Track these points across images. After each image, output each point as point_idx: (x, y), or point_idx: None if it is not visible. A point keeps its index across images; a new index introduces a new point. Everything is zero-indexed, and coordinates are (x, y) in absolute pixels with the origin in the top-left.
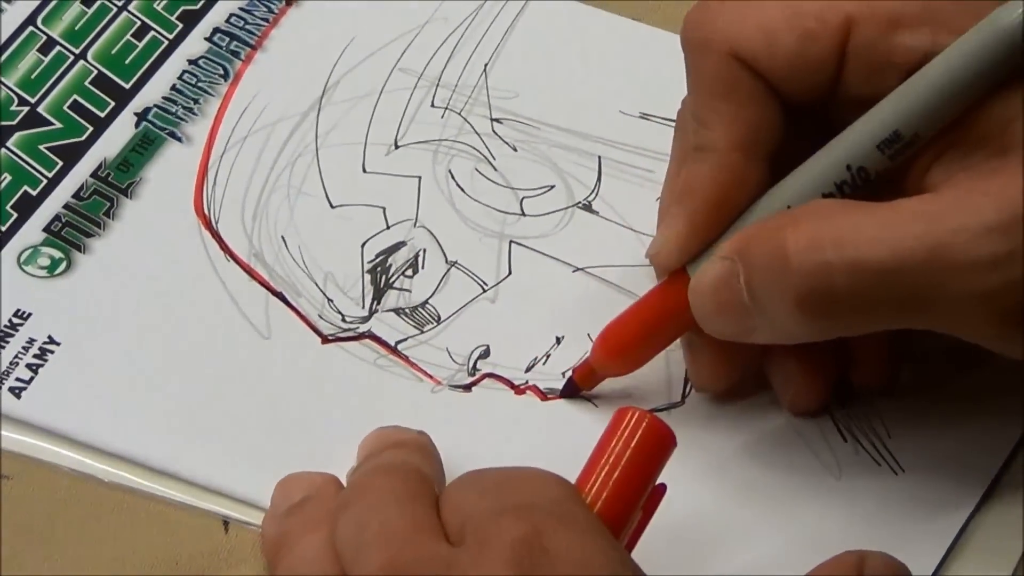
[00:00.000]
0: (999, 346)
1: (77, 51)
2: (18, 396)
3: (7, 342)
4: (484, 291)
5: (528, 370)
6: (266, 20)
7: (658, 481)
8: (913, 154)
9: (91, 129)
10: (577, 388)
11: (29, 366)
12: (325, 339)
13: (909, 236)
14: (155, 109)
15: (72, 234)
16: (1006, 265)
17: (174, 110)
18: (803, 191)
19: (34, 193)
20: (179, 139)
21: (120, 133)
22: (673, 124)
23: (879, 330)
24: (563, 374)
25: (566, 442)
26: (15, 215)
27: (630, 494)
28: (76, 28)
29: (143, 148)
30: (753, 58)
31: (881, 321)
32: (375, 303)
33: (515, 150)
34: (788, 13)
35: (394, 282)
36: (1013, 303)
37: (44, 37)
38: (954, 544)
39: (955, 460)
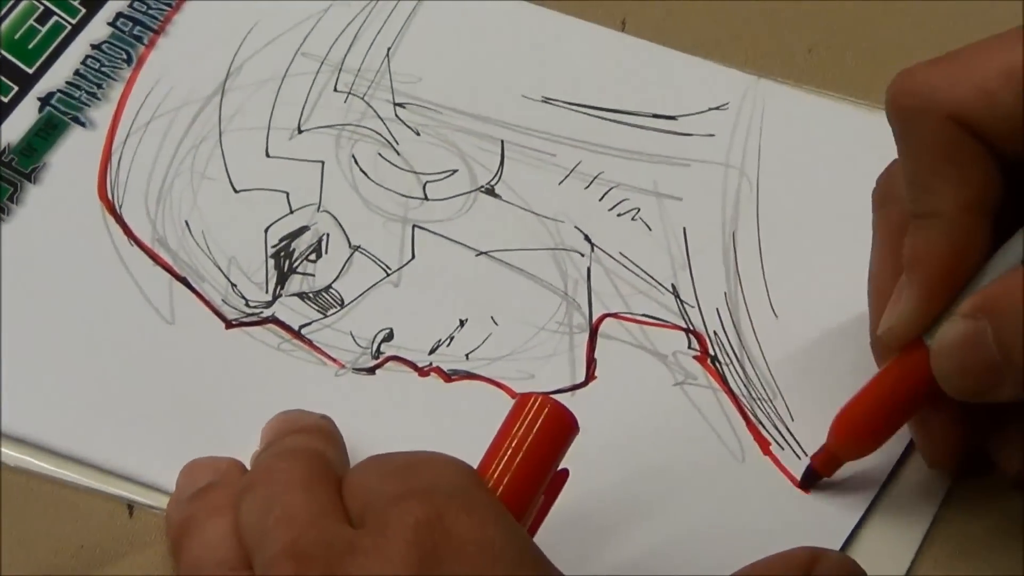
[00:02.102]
0: None
1: None
2: None
3: None
4: (387, 275)
5: (432, 352)
6: (169, 5)
7: (561, 466)
8: None
9: None
10: (818, 476)
11: None
12: (229, 324)
13: None
14: (58, 94)
15: None
16: None
17: (77, 95)
18: None
19: None
20: (83, 124)
21: (23, 118)
22: (574, 108)
23: None
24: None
25: (470, 424)
26: None
27: (532, 479)
28: None
29: (46, 133)
30: (974, 120)
31: None
32: (279, 288)
33: (418, 134)
34: (1004, 71)
35: (297, 267)
36: None
37: None
38: (859, 524)
39: None
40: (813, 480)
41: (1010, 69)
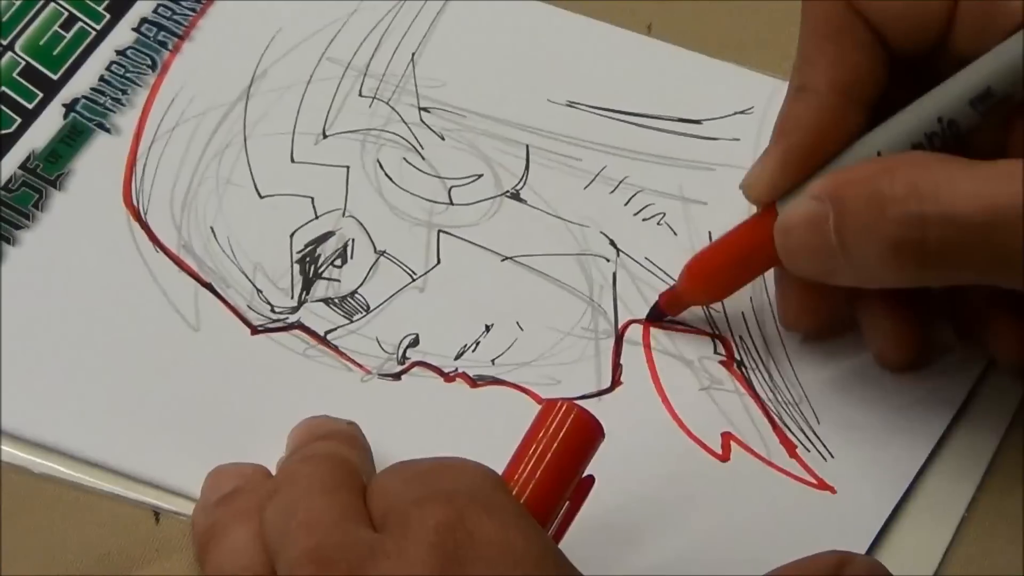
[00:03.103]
0: None
1: (5, 42)
2: None
3: None
4: (413, 280)
5: (458, 357)
6: (193, 10)
7: (587, 472)
8: (1005, 115)
9: (19, 121)
10: (662, 313)
11: None
12: (254, 330)
13: (1005, 194)
14: (83, 100)
15: (1, 226)
16: None
17: (102, 101)
18: (895, 139)
19: None
20: (107, 130)
21: (48, 124)
22: (600, 112)
23: (964, 283)
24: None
25: (495, 429)
26: None
27: (556, 485)
28: (3, 19)
29: (72, 139)
30: (866, 5)
31: (969, 275)
32: (304, 293)
33: (443, 139)
34: None
35: (323, 272)
36: None
37: None
38: (885, 526)
39: (884, 446)
40: (658, 317)
41: None
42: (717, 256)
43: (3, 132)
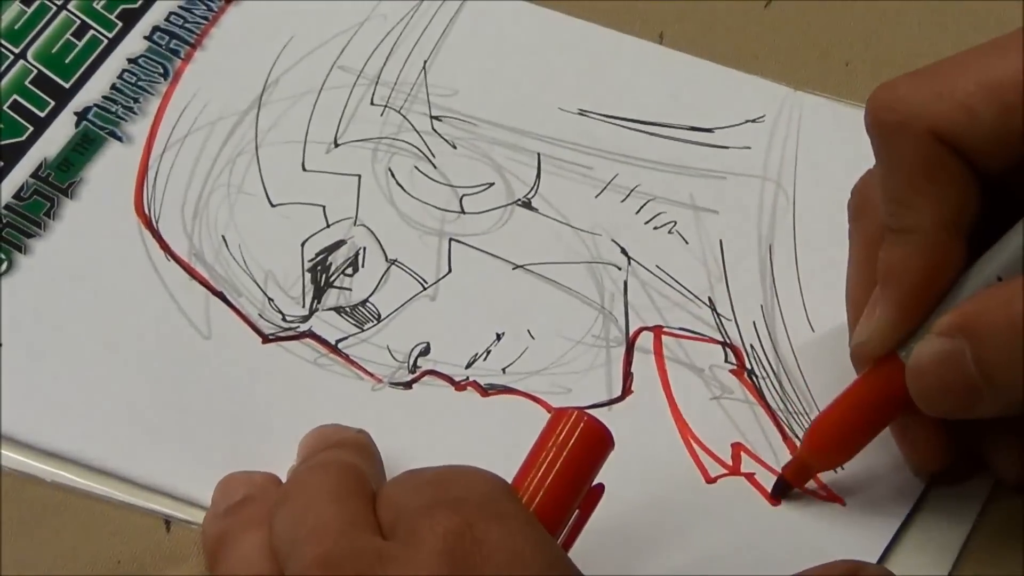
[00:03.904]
0: None
1: (17, 51)
2: None
3: None
4: (424, 289)
5: (469, 366)
6: (206, 19)
7: (597, 481)
8: None
9: (31, 129)
10: (788, 486)
11: None
12: (265, 338)
13: None
14: (95, 108)
15: (13, 235)
16: None
17: (114, 109)
18: (1012, 263)
19: None
20: (119, 138)
21: (60, 133)
22: (611, 121)
23: None
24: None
25: (506, 438)
26: None
27: (566, 494)
28: (16, 27)
29: (83, 148)
30: (954, 136)
31: None
32: (315, 302)
33: (455, 148)
34: (985, 86)
35: (334, 281)
36: None
37: None
38: (896, 536)
39: (894, 457)
40: (784, 491)
41: (990, 83)
42: (842, 418)
43: (15, 140)
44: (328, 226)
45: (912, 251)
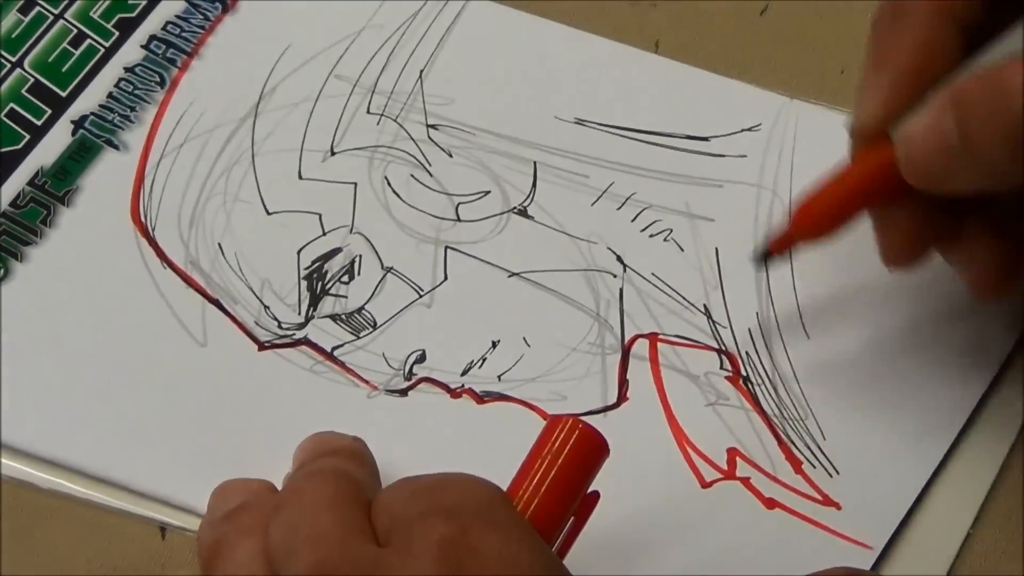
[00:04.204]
0: None
1: (14, 59)
2: None
3: None
4: (420, 296)
5: (464, 373)
6: (202, 28)
7: (592, 488)
8: None
9: (28, 137)
10: (771, 255)
11: None
12: (262, 346)
13: None
14: (92, 117)
15: (9, 242)
16: None
17: (111, 118)
18: (1008, 55)
19: None
20: (116, 147)
21: (57, 141)
22: (607, 130)
23: None
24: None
25: (502, 445)
26: None
27: (561, 501)
28: (13, 36)
29: (80, 156)
30: None
31: None
32: (311, 309)
33: (451, 156)
34: None
35: (330, 288)
36: None
37: None
38: (890, 543)
39: (890, 462)
40: (765, 257)
41: None
42: (830, 193)
43: (12, 148)
44: (324, 234)
45: (905, 32)
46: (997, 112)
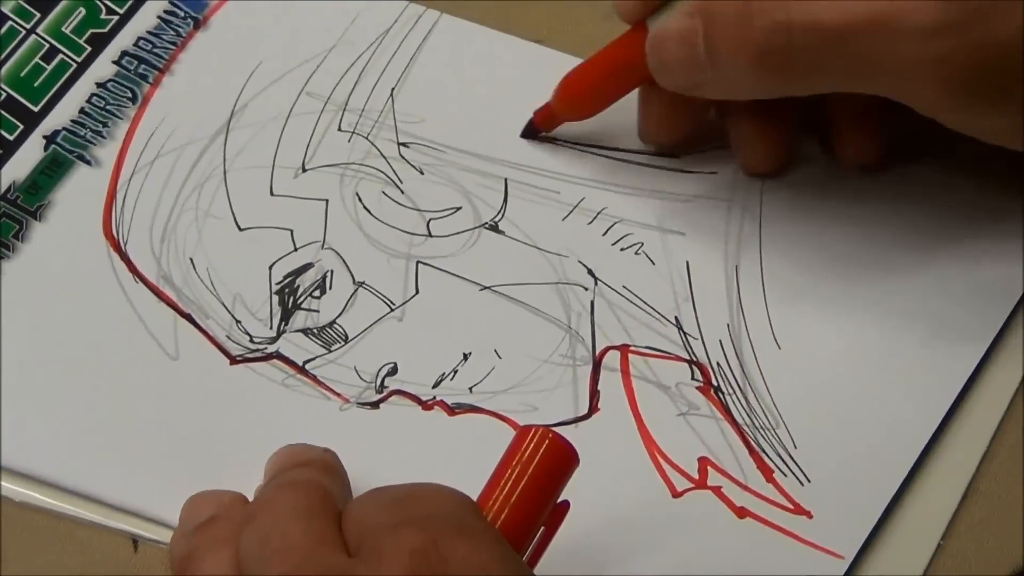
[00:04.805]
0: (940, 114)
1: None
2: None
3: None
4: (391, 310)
5: (436, 386)
6: (174, 44)
7: (563, 498)
8: None
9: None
10: (536, 129)
11: None
12: (233, 360)
13: (862, 7)
14: (64, 132)
15: None
16: (948, 33)
17: (83, 133)
18: None
19: None
20: (88, 162)
21: (29, 156)
22: (578, 147)
23: (828, 91)
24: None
25: (473, 457)
26: None
27: (531, 510)
28: None
29: (52, 171)
30: None
31: (832, 81)
32: (283, 324)
33: (422, 173)
34: None
35: (302, 303)
36: (954, 71)
37: None
38: (861, 552)
39: (861, 470)
40: (532, 133)
41: None
42: (589, 72)
43: None
44: (296, 249)
45: None
46: (741, 32)
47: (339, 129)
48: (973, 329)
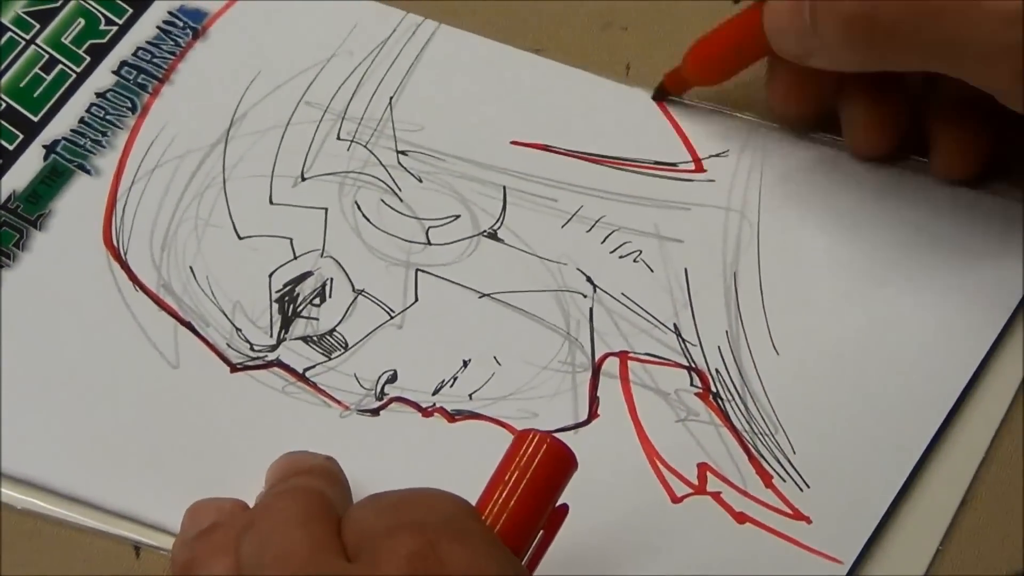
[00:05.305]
0: (1015, 104)
1: None
2: None
3: None
4: (391, 317)
5: (435, 393)
6: (173, 54)
7: (562, 502)
8: None
9: (0, 162)
10: (667, 92)
11: None
12: (234, 368)
13: None
14: (64, 142)
15: None
16: None
17: (83, 143)
18: None
19: None
20: (88, 171)
21: (29, 166)
22: (576, 155)
23: (915, 69)
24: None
25: (474, 463)
26: None
27: (529, 514)
28: None
29: (52, 180)
30: None
31: (916, 58)
32: (283, 332)
33: (421, 181)
34: None
35: (302, 311)
36: None
37: None
38: (859, 559)
39: (860, 476)
40: (663, 95)
41: None
42: (717, 40)
43: None
44: (295, 258)
45: None
46: (836, 4)
47: (338, 138)
48: (972, 335)
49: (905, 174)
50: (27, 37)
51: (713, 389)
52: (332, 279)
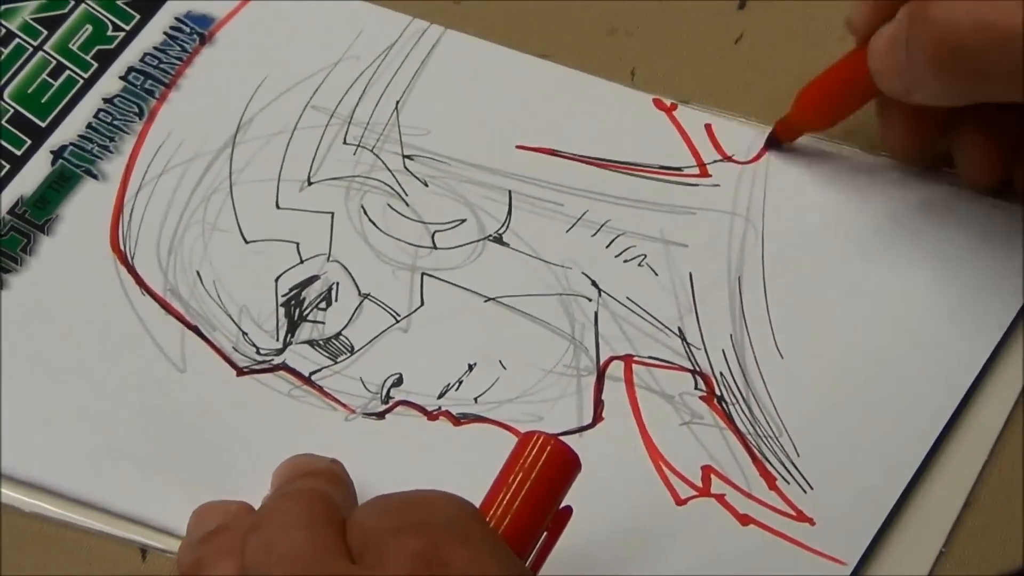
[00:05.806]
0: None
1: None
2: None
3: None
4: (397, 321)
5: (441, 396)
6: (180, 59)
7: (566, 504)
8: None
9: (7, 167)
10: (778, 141)
11: None
12: (240, 371)
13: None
14: (71, 147)
15: None
16: None
17: (90, 148)
18: None
19: None
20: (95, 176)
21: (36, 171)
22: (582, 160)
23: (1003, 99)
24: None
25: (479, 467)
26: None
27: (533, 517)
28: None
29: (59, 185)
30: None
31: (1002, 88)
32: (289, 336)
33: (427, 185)
34: None
35: (308, 315)
36: None
37: None
38: (862, 560)
39: (863, 478)
40: (774, 144)
41: None
42: (825, 85)
43: None
44: (302, 262)
45: None
46: (923, 33)
47: (344, 142)
48: (974, 337)
49: (908, 176)
50: (35, 43)
51: (717, 392)
52: (338, 283)
